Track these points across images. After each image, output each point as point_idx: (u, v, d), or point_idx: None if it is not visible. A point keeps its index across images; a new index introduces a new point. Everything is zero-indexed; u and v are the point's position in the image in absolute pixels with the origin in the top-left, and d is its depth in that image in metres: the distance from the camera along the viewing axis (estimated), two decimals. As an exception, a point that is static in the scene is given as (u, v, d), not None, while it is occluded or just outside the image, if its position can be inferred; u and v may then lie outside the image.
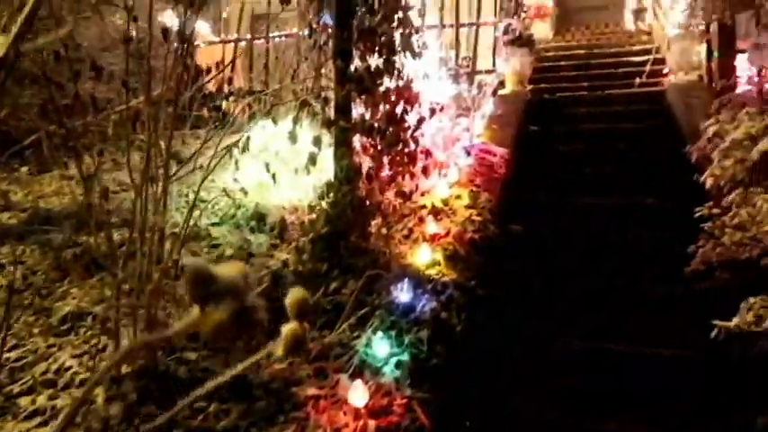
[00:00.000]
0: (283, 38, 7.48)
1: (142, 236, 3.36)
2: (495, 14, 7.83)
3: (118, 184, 6.03)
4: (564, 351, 3.86)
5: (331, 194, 3.84)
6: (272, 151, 5.44)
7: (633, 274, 4.42)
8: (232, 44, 8.42)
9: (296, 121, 3.97)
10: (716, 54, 6.68)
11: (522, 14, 7.87)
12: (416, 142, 4.10)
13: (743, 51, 6.51)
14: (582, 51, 9.73)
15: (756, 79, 6.45)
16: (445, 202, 4.83)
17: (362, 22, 3.95)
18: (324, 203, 3.95)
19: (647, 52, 9.37)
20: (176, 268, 4.17)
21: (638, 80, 8.30)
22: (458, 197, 4.98)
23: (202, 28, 11.17)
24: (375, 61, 4.07)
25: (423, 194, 5.12)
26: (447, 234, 4.47)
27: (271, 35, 8.06)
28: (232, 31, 9.97)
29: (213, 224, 5.18)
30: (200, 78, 8.18)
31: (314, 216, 3.87)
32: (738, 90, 6.59)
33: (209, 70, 8.86)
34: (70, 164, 5.63)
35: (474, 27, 7.55)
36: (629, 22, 10.99)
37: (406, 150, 4.13)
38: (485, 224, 4.59)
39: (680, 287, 4.01)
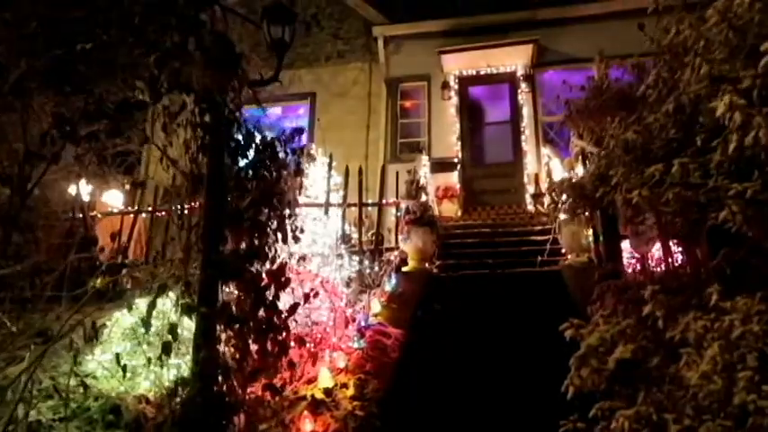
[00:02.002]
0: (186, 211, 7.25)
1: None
2: (397, 195, 8.03)
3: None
4: None
5: (184, 392, 3.32)
6: (140, 332, 4.91)
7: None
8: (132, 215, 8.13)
9: (152, 306, 3.55)
10: (601, 239, 6.95)
11: (424, 196, 8.10)
12: (287, 330, 3.73)
13: (625, 237, 6.80)
14: (488, 230, 9.99)
15: (636, 263, 6.68)
16: (329, 393, 4.35)
17: (232, 204, 3.78)
18: (177, 402, 3.41)
19: (547, 232, 9.76)
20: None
21: (539, 258, 8.51)
22: (344, 386, 4.51)
23: (114, 198, 10.92)
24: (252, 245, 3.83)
25: (309, 382, 4.65)
26: (325, 430, 3.94)
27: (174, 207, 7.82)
28: (148, 201, 9.71)
29: (62, 419, 4.41)
30: (92, 249, 7.70)
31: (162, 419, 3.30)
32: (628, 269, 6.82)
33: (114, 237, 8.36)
34: None
35: (377, 207, 7.68)
36: (529, 205, 11.57)
37: (280, 338, 3.74)
38: (369, 420, 4.10)
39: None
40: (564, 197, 5.29)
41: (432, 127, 12.22)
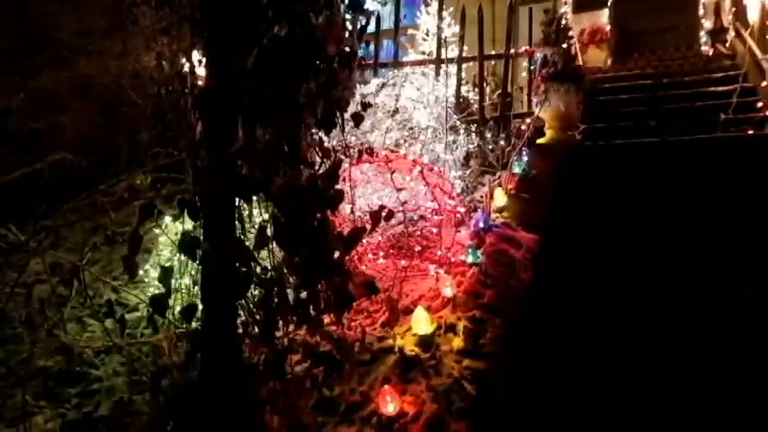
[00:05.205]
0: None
1: None
2: (531, 43, 5.72)
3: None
4: None
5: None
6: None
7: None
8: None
9: (135, 239, 2.09)
10: None
11: (567, 42, 5.71)
12: (347, 276, 2.14)
13: None
14: (648, 82, 7.44)
15: None
16: (426, 344, 2.81)
17: (250, 66, 2.06)
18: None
19: (732, 81, 6.98)
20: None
21: (722, 116, 5.97)
22: (450, 329, 2.93)
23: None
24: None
25: (405, 313, 3.14)
26: (416, 413, 2.45)
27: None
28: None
29: (101, 353, 3.34)
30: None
31: None
32: None
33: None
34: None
35: (504, 59, 5.48)
36: (705, 45, 8.56)
37: (336, 282, 2.18)
38: (486, 397, 2.53)
39: None
40: None
41: (574, -48, 9.13)
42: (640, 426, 2.64)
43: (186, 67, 2.60)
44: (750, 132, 5.69)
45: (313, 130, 2.20)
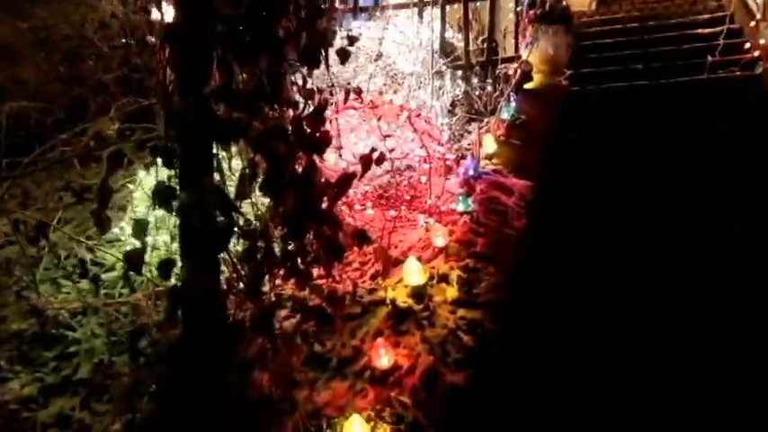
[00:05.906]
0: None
1: None
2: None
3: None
4: None
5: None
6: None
7: None
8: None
9: (105, 191, 1.90)
10: None
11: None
12: (338, 226, 1.98)
13: None
14: (635, 25, 7.26)
15: None
16: (419, 296, 2.69)
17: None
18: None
19: (719, 22, 6.82)
20: None
21: (709, 58, 5.84)
22: (443, 279, 2.82)
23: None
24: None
25: (396, 264, 3.01)
26: (411, 366, 2.36)
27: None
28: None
29: (77, 314, 3.16)
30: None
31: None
32: None
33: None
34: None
35: (489, 0, 5.21)
36: (691, -14, 8.32)
37: (327, 233, 2.02)
38: (486, 341, 2.44)
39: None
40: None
41: None
42: (637, 370, 2.62)
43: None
44: (738, 74, 5.57)
45: (295, 71, 1.99)
